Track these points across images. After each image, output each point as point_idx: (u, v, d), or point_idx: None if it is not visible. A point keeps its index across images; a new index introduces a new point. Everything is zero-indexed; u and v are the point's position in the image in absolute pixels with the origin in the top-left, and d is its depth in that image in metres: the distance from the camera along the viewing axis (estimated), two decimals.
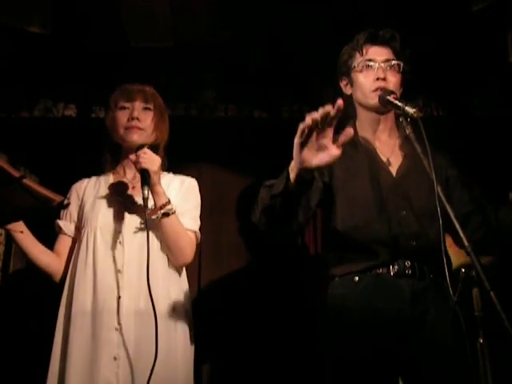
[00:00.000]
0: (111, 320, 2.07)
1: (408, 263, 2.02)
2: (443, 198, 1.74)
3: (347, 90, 2.28)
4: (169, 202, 2.15)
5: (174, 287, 2.22)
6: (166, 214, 2.14)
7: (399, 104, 2.02)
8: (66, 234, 2.32)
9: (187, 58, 3.09)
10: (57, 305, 2.21)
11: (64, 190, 2.11)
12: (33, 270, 2.30)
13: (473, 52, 3.04)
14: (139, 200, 2.22)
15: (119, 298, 2.10)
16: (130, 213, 2.22)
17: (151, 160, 2.15)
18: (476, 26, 2.90)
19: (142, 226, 2.19)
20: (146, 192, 2.11)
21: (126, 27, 2.87)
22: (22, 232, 2.16)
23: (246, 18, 2.92)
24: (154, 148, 2.25)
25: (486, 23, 2.87)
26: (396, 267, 2.01)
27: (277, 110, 3.20)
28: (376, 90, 2.15)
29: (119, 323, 2.08)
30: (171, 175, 2.38)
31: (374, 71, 2.18)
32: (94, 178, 2.39)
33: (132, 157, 2.19)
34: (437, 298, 2.00)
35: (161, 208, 2.13)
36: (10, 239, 3.06)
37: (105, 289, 2.10)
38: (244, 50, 3.14)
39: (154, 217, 2.14)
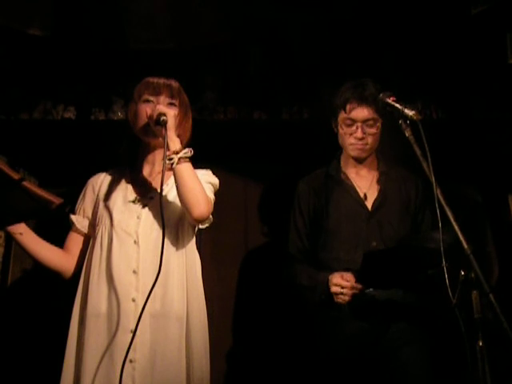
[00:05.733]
0: (127, 322, 2.00)
1: None
2: (442, 200, 1.75)
3: (335, 129, 2.57)
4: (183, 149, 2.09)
5: (191, 287, 2.14)
6: (182, 160, 2.07)
7: (398, 106, 2.02)
8: (78, 229, 2.24)
9: (186, 60, 3.09)
10: (59, 306, 2.19)
11: (63, 192, 2.09)
12: (34, 271, 2.29)
13: (472, 54, 3.05)
14: (155, 196, 2.15)
15: (133, 300, 2.03)
16: (145, 210, 2.17)
17: (168, 109, 2.14)
18: (475, 29, 2.91)
19: (158, 224, 2.11)
20: (164, 133, 2.07)
21: (125, 29, 2.87)
22: (21, 234, 2.15)
23: (246, 19, 2.92)
24: None
25: (486, 25, 2.88)
26: None
27: (276, 112, 3.20)
28: (353, 145, 2.48)
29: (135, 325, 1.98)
30: None
31: (353, 129, 2.47)
32: (110, 172, 2.32)
33: (147, 110, 2.15)
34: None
35: (176, 153, 2.06)
36: (9, 241, 3.06)
37: (120, 290, 2.03)
38: (243, 52, 3.14)
39: (168, 161, 2.05)
